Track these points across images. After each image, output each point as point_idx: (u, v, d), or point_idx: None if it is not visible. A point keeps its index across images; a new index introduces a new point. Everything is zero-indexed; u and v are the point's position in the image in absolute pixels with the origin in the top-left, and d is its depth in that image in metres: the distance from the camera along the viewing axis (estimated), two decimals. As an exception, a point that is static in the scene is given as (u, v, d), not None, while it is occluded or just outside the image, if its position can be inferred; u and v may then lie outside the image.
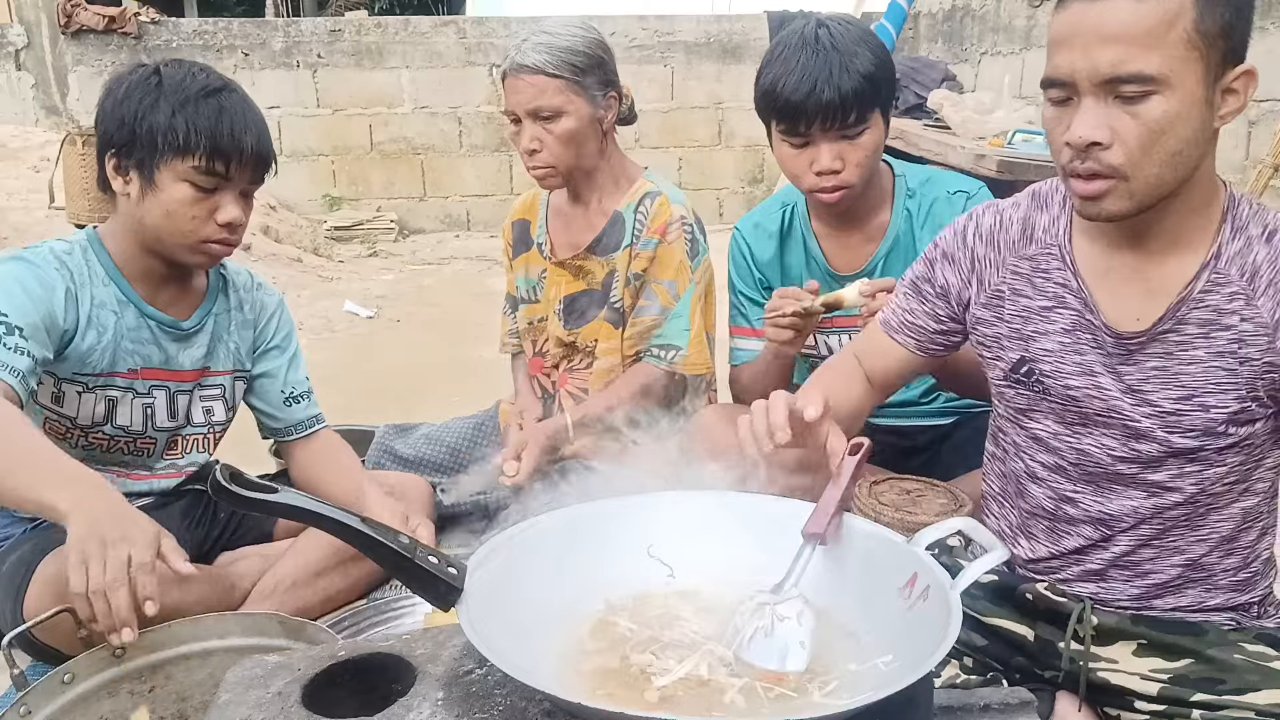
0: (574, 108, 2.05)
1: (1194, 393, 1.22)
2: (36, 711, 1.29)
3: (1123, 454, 1.29)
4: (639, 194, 2.20)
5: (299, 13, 12.13)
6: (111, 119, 1.66)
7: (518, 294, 2.37)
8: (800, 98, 1.76)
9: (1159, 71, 1.07)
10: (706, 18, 7.85)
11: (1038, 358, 1.33)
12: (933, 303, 1.45)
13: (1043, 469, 1.39)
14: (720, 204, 7.97)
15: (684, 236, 2.16)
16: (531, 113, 2.04)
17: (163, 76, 1.65)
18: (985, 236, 1.39)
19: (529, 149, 2.08)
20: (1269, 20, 4.17)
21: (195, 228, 1.67)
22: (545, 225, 2.30)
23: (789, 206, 2.08)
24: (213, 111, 1.63)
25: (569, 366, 2.28)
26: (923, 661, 0.82)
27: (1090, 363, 1.29)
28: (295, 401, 1.98)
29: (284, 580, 1.84)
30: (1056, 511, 1.39)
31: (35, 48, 7.22)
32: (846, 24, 1.84)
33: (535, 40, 2.04)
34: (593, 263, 2.23)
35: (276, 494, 0.96)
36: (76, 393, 1.71)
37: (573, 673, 0.95)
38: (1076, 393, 1.30)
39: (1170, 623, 1.33)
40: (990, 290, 1.38)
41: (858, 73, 1.76)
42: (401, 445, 2.36)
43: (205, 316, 1.84)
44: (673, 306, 2.16)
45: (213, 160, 1.63)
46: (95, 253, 1.73)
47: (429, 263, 6.89)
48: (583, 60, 2.04)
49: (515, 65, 2.04)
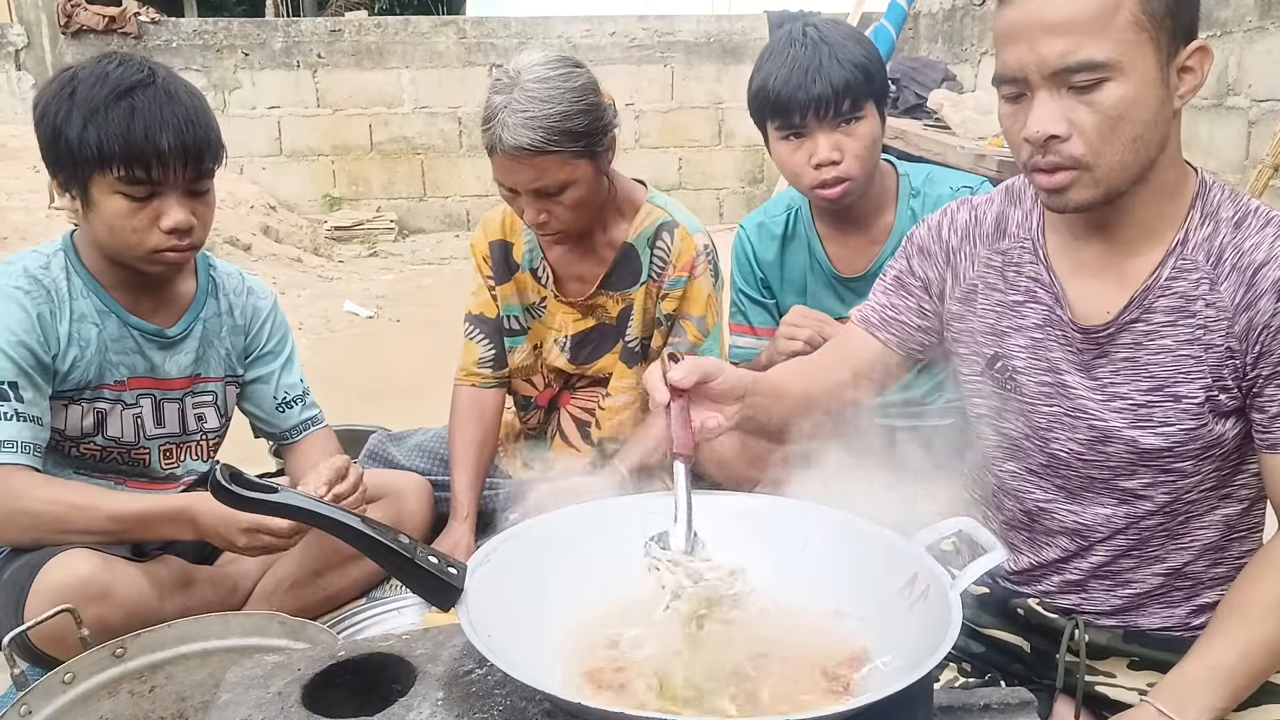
0: (580, 174, 1.85)
1: (1164, 383, 1.20)
2: (36, 711, 1.29)
3: (1091, 457, 1.27)
4: (649, 222, 2.06)
5: (299, 13, 12.14)
6: (39, 137, 1.58)
7: (512, 325, 2.18)
8: (791, 90, 1.77)
9: (1109, 57, 1.05)
10: (706, 18, 7.85)
11: (1011, 354, 1.31)
12: (917, 297, 1.41)
13: (1012, 477, 1.37)
14: (720, 204, 7.97)
15: (709, 269, 2.07)
16: (534, 192, 1.84)
17: (77, 82, 1.55)
18: (960, 230, 1.37)
19: (537, 222, 1.89)
20: (1269, 20, 4.17)
21: (140, 239, 1.59)
22: (540, 251, 2.13)
23: (794, 209, 2.07)
24: (123, 116, 1.51)
25: (570, 385, 2.23)
26: (923, 661, 0.82)
27: (1057, 360, 1.27)
28: (289, 406, 1.94)
29: (284, 580, 1.84)
30: (1033, 524, 1.37)
31: (35, 48, 7.22)
32: (834, 23, 1.87)
33: (521, 112, 1.77)
34: (605, 298, 2.10)
35: (276, 494, 0.96)
36: (63, 406, 1.67)
37: (573, 673, 0.95)
38: (1046, 389, 1.28)
39: (1162, 640, 1.32)
40: (965, 284, 1.35)
41: (848, 61, 1.77)
42: (397, 452, 2.33)
43: (192, 323, 1.79)
44: (701, 343, 2.09)
45: (132, 168, 1.53)
46: (71, 263, 1.67)
47: (429, 263, 6.89)
48: (579, 122, 1.81)
49: (505, 145, 1.78)
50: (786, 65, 1.79)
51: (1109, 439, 1.25)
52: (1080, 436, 1.27)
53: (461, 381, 2.22)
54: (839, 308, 2.08)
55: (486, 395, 2.21)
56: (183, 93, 1.60)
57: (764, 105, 1.84)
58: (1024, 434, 1.33)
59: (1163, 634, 1.33)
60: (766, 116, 1.85)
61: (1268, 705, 1.21)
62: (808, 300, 2.09)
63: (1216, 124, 4.48)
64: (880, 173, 1.95)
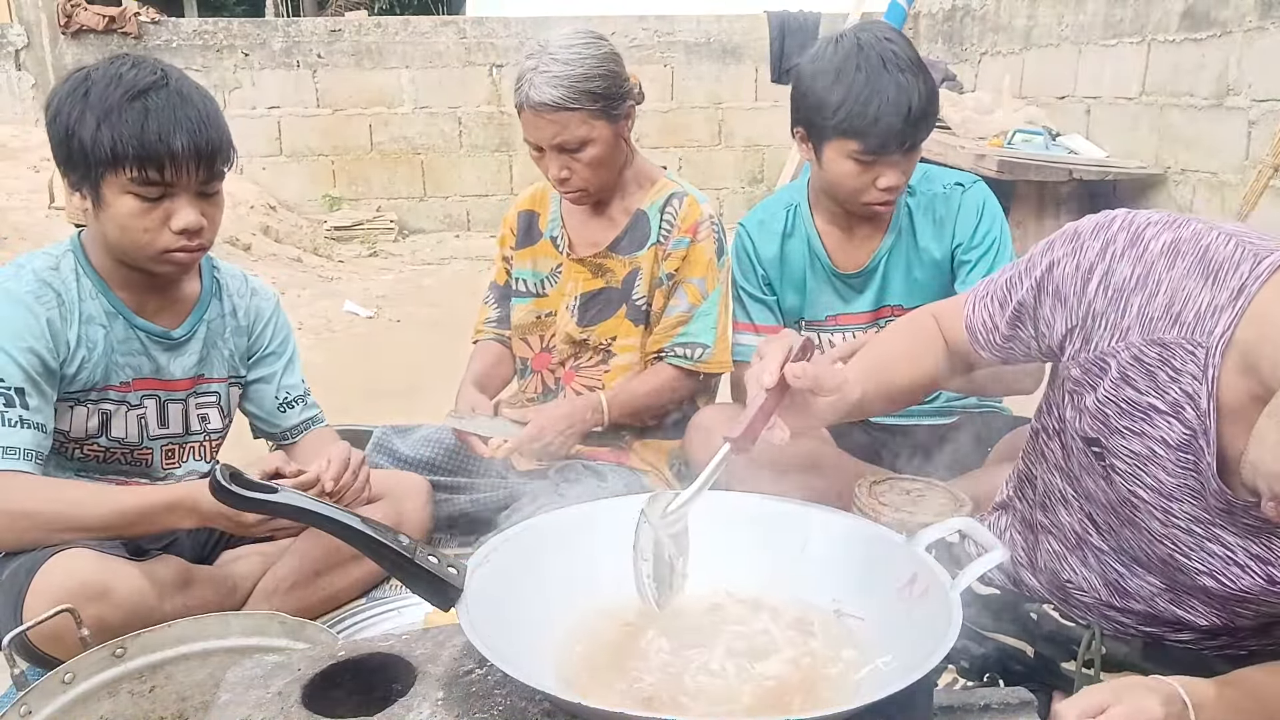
0: (598, 133, 2.04)
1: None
2: (36, 711, 1.29)
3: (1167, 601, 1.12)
4: (663, 193, 2.21)
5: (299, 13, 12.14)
6: (51, 136, 1.59)
7: (520, 287, 2.34)
8: (891, 118, 1.75)
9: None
10: (706, 18, 7.84)
11: (1118, 453, 1.09)
12: (1027, 337, 1.20)
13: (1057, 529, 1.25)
14: (720, 204, 7.96)
15: (713, 236, 2.17)
16: (556, 147, 2.04)
17: (91, 83, 1.56)
18: (1113, 292, 1.07)
19: (559, 178, 2.09)
20: (1269, 20, 4.17)
21: (151, 239, 1.60)
22: (560, 220, 2.29)
23: (793, 206, 2.11)
24: (137, 117, 1.53)
25: (576, 364, 2.28)
26: (923, 662, 0.82)
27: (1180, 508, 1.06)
28: (289, 406, 1.96)
29: (284, 580, 1.84)
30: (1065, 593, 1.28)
31: (35, 48, 7.22)
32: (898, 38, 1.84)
33: (546, 73, 1.99)
34: (614, 261, 2.22)
35: (276, 494, 0.96)
36: (69, 407, 1.68)
37: (572, 673, 0.95)
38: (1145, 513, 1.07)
39: (1181, 654, 1.25)
40: (1093, 354, 1.09)
41: (929, 91, 1.79)
42: (401, 444, 2.36)
43: (197, 324, 1.81)
44: (700, 304, 2.17)
45: (145, 169, 1.54)
46: (80, 264, 1.68)
47: (429, 263, 6.89)
48: (599, 84, 2.01)
49: (532, 102, 2.00)
50: (887, 91, 1.74)
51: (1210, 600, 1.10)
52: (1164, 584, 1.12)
53: (475, 337, 2.47)
54: (838, 303, 2.11)
55: (497, 344, 2.44)
56: (195, 95, 1.61)
57: (845, 125, 1.78)
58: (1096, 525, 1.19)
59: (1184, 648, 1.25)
60: (843, 135, 1.80)
61: None
62: (807, 295, 2.11)
63: (1216, 124, 4.48)
64: None
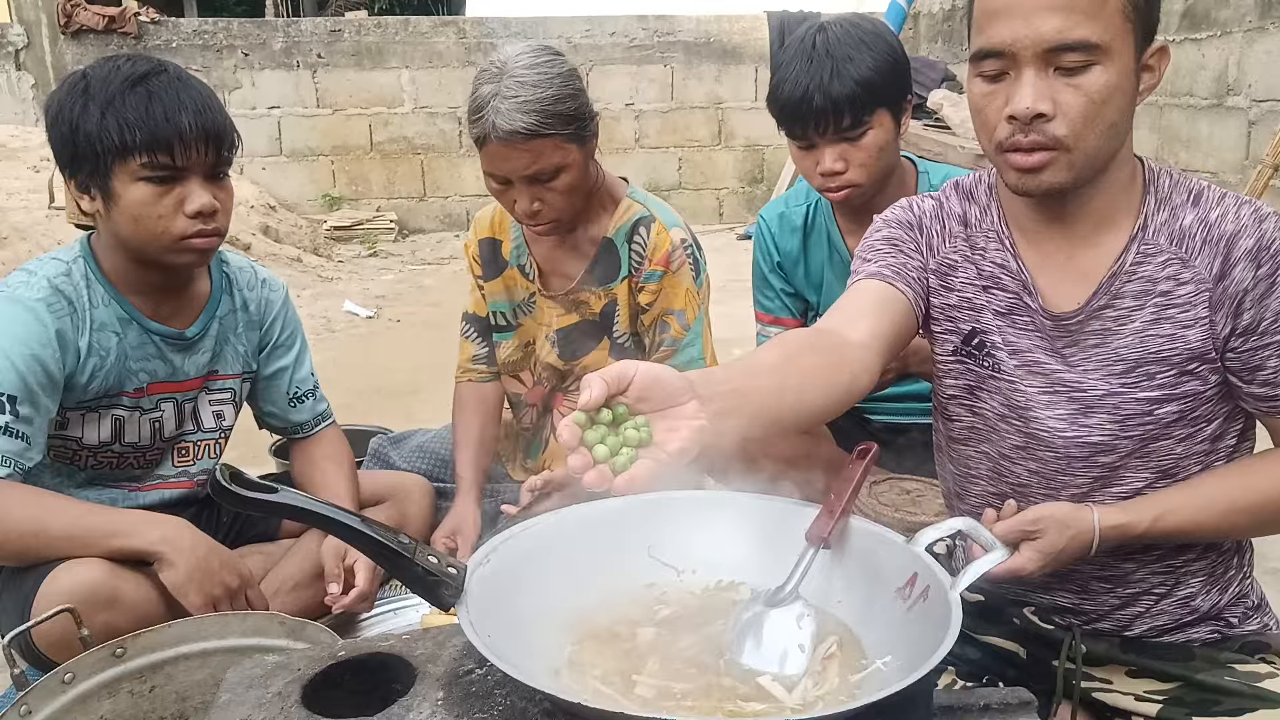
0: (572, 158, 1.87)
1: (1137, 364, 1.21)
2: (36, 711, 1.29)
3: (1073, 434, 1.26)
4: (628, 218, 2.06)
5: (299, 13, 12.13)
6: (54, 138, 1.58)
7: (499, 321, 2.21)
8: (795, 103, 1.79)
9: (1101, 39, 1.08)
10: (706, 18, 7.85)
11: (988, 329, 1.30)
12: (908, 254, 1.33)
13: (985, 459, 1.35)
14: (720, 204, 7.97)
15: (687, 262, 2.05)
16: (528, 178, 1.85)
17: (89, 79, 1.56)
18: (929, 211, 1.35)
19: (530, 211, 1.90)
20: (1269, 20, 4.18)
21: (166, 226, 1.58)
22: (526, 247, 2.14)
23: (814, 201, 2.08)
24: (140, 101, 1.53)
25: (564, 387, 2.22)
26: (923, 662, 0.82)
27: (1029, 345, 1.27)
28: (300, 401, 1.94)
29: (286, 581, 1.83)
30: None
31: (35, 48, 7.23)
32: (850, 25, 1.83)
33: (515, 98, 1.79)
34: (587, 294, 2.10)
35: (276, 494, 0.96)
36: (81, 415, 1.67)
37: (573, 673, 0.95)
38: (1023, 366, 1.28)
39: (1158, 647, 1.32)
40: (940, 258, 1.34)
41: (850, 77, 1.76)
42: (396, 455, 2.33)
43: (209, 321, 1.79)
44: (683, 337, 2.07)
45: (154, 151, 1.53)
46: (91, 270, 1.66)
47: (429, 263, 6.90)
48: (569, 105, 1.84)
49: (501, 132, 1.80)
50: (791, 79, 1.80)
51: (1091, 410, 1.24)
52: (1061, 411, 1.26)
53: (460, 378, 2.27)
54: None
55: (486, 388, 2.26)
56: (194, 81, 1.62)
57: (774, 111, 1.87)
58: (1000, 413, 1.32)
59: (1157, 640, 1.33)
60: (779, 123, 1.89)
61: (1263, 712, 1.21)
62: (823, 291, 2.08)
63: (1216, 124, 4.48)
64: (900, 170, 1.96)
